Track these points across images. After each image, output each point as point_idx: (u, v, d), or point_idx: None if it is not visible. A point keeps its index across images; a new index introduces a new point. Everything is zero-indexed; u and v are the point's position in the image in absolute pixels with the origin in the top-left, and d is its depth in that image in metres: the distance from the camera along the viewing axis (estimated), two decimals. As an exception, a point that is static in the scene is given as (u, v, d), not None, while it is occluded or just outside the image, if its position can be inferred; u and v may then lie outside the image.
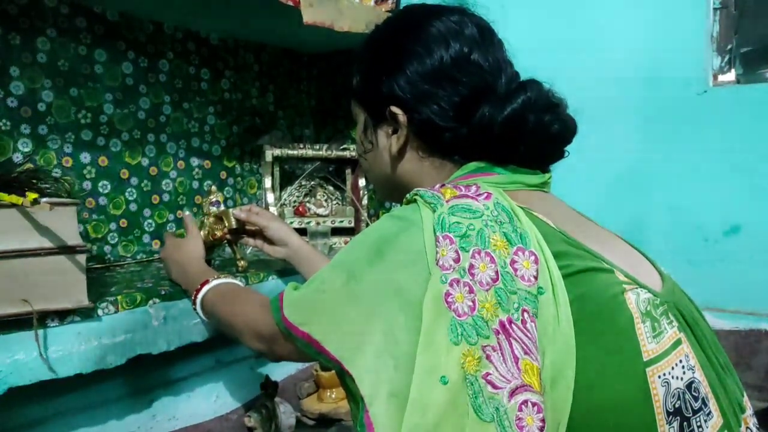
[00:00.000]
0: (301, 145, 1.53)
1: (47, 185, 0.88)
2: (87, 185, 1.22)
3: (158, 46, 1.34)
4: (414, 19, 0.69)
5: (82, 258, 0.82)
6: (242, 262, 1.15)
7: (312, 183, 1.62)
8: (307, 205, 1.58)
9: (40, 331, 0.80)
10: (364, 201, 1.57)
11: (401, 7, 0.71)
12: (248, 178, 1.58)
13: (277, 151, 1.49)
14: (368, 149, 0.73)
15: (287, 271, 1.20)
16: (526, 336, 0.49)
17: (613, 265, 0.56)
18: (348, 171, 1.64)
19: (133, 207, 1.31)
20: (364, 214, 1.56)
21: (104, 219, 1.25)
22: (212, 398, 1.18)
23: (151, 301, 0.95)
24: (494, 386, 0.47)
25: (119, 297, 0.91)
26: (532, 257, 0.52)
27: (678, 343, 0.54)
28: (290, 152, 1.51)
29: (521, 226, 0.54)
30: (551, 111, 0.62)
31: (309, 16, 1.20)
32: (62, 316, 0.83)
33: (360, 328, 0.52)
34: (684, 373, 0.53)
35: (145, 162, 1.33)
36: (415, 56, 0.65)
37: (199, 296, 0.89)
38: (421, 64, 0.64)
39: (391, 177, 0.71)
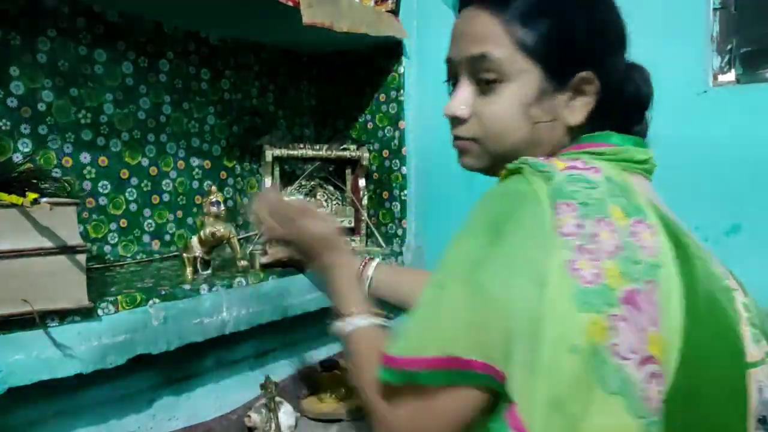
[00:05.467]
0: (301, 145, 1.53)
1: (47, 185, 0.88)
2: (87, 185, 1.22)
3: (158, 46, 1.34)
4: None
5: (82, 258, 0.82)
6: (242, 262, 1.15)
7: (312, 183, 1.62)
8: (307, 205, 1.58)
9: (40, 331, 0.80)
10: (364, 201, 1.57)
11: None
12: (248, 178, 1.58)
13: (277, 151, 1.49)
14: (519, 116, 0.65)
15: (287, 271, 1.20)
16: (652, 307, 0.48)
17: (714, 261, 0.57)
18: (348, 171, 1.64)
19: (133, 207, 1.31)
20: (364, 214, 1.56)
21: (104, 219, 1.25)
22: (212, 398, 1.18)
23: (151, 301, 0.95)
24: (621, 357, 0.46)
25: (119, 297, 0.91)
26: (650, 230, 0.51)
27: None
28: (290, 152, 1.51)
29: (636, 199, 0.53)
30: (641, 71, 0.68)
31: (308, 17, 1.20)
32: (62, 316, 0.83)
33: (504, 323, 0.49)
34: None
35: (145, 162, 1.33)
36: (608, 26, 0.66)
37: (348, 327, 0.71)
38: (612, 35, 0.66)
39: (526, 140, 0.64)
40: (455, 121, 0.67)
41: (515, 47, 0.60)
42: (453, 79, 0.69)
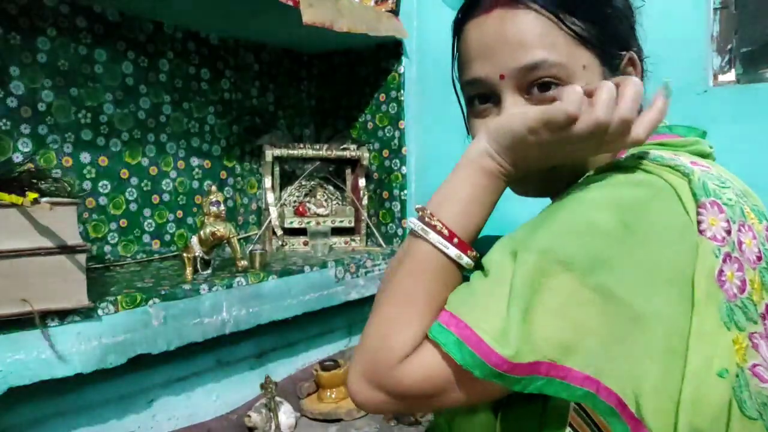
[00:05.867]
0: (301, 145, 1.53)
1: (47, 185, 0.88)
2: (87, 185, 1.22)
3: (158, 46, 1.34)
4: None
5: (82, 258, 0.82)
6: (242, 262, 1.15)
7: (312, 183, 1.62)
8: (307, 205, 1.58)
9: (40, 331, 0.80)
10: (364, 201, 1.57)
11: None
12: (248, 178, 1.58)
13: (277, 151, 1.49)
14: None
15: (287, 271, 1.20)
16: None
17: None
18: (348, 171, 1.64)
19: (133, 207, 1.31)
20: (364, 214, 1.56)
21: (104, 219, 1.25)
22: (212, 398, 1.18)
23: (151, 301, 0.95)
24: (763, 379, 0.42)
25: (119, 297, 0.91)
26: None
27: None
28: (290, 152, 1.51)
29: (757, 201, 0.49)
30: None
31: (308, 17, 1.19)
32: (62, 316, 0.83)
33: (640, 338, 0.42)
34: None
35: (145, 162, 1.33)
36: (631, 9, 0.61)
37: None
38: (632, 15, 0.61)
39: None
40: None
41: (573, 42, 0.54)
42: (483, 99, 0.58)
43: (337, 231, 1.55)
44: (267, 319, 1.15)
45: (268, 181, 1.51)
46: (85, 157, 1.22)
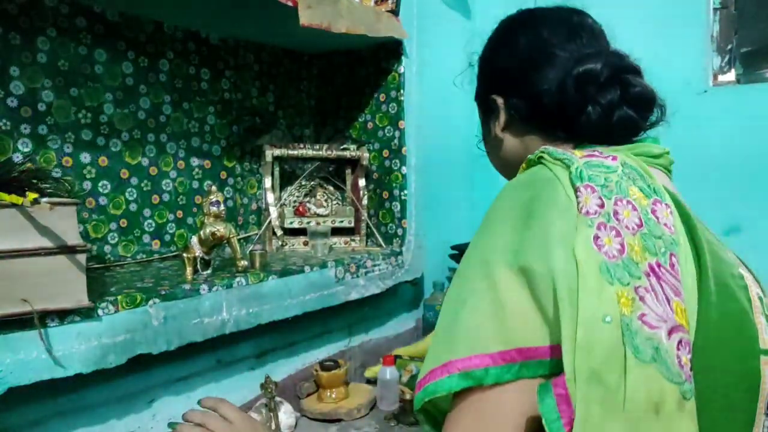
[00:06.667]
0: (301, 145, 1.53)
1: (47, 185, 0.88)
2: (87, 185, 1.22)
3: (158, 46, 1.34)
4: (515, 23, 0.78)
5: (82, 258, 0.82)
6: (242, 262, 1.15)
7: (312, 183, 1.62)
8: (307, 205, 1.58)
9: (41, 331, 0.80)
10: (364, 201, 1.57)
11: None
12: (248, 178, 1.58)
13: (277, 151, 1.49)
14: (486, 140, 0.82)
15: (287, 271, 1.20)
16: (675, 278, 0.50)
17: (728, 249, 0.59)
18: (348, 171, 1.64)
19: (133, 207, 1.31)
20: (364, 214, 1.56)
21: (104, 219, 1.25)
22: (212, 398, 1.18)
23: (151, 301, 0.95)
24: (651, 326, 0.48)
25: (119, 297, 0.91)
26: (668, 209, 0.54)
27: None
28: (290, 152, 1.51)
29: (653, 182, 0.56)
30: (631, 72, 0.66)
31: (306, 19, 1.19)
32: (62, 316, 0.83)
33: (553, 297, 0.50)
34: None
35: (145, 162, 1.33)
36: (501, 47, 0.77)
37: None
38: (505, 53, 0.75)
39: (505, 159, 0.78)
40: None
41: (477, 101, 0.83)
42: None
43: (337, 231, 1.55)
44: (267, 319, 1.15)
45: (268, 181, 1.51)
46: (85, 157, 1.22)
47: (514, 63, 0.73)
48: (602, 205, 0.52)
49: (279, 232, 1.50)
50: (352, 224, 1.57)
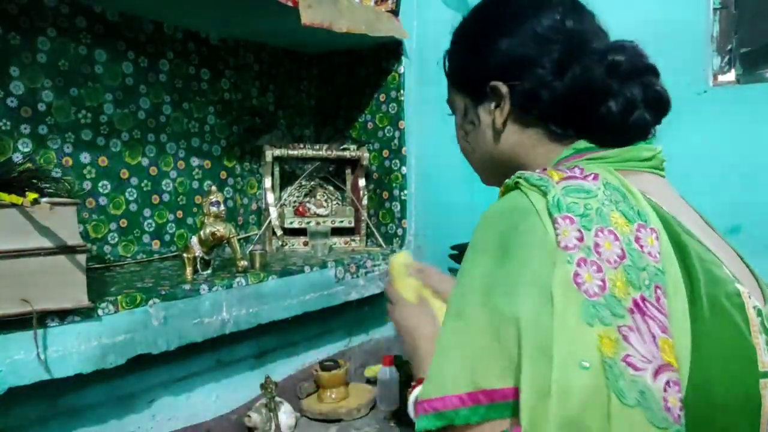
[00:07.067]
0: (302, 145, 1.53)
1: (47, 185, 0.88)
2: (87, 185, 1.22)
3: (158, 46, 1.34)
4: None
5: (82, 258, 0.82)
6: (242, 262, 1.15)
7: (312, 183, 1.62)
8: (307, 205, 1.58)
9: (40, 331, 0.80)
10: (364, 201, 1.57)
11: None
12: (248, 178, 1.58)
13: (278, 151, 1.49)
14: (469, 130, 0.73)
15: (288, 271, 1.20)
16: (661, 313, 0.47)
17: (723, 263, 0.55)
18: (348, 171, 1.64)
19: (133, 207, 1.31)
20: (364, 214, 1.56)
21: (104, 219, 1.25)
22: (212, 398, 1.18)
23: (151, 301, 0.95)
24: (636, 368, 0.45)
25: (119, 297, 0.91)
26: (654, 234, 0.50)
27: None
28: (290, 152, 1.51)
29: (637, 203, 0.53)
30: (654, 73, 0.63)
31: (307, 17, 1.19)
32: (62, 316, 0.83)
33: (519, 341, 0.48)
34: None
35: (145, 162, 1.33)
36: (506, 29, 0.67)
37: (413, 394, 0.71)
38: (514, 34, 0.66)
39: (495, 155, 0.71)
40: None
41: (450, 82, 0.75)
42: None
43: (337, 231, 1.55)
44: (267, 319, 1.15)
45: (268, 182, 1.51)
46: (85, 157, 1.22)
47: (528, 48, 0.65)
48: (581, 238, 0.49)
49: (279, 232, 1.50)
50: (352, 224, 1.57)
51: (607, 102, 0.61)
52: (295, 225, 1.51)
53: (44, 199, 0.76)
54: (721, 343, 0.50)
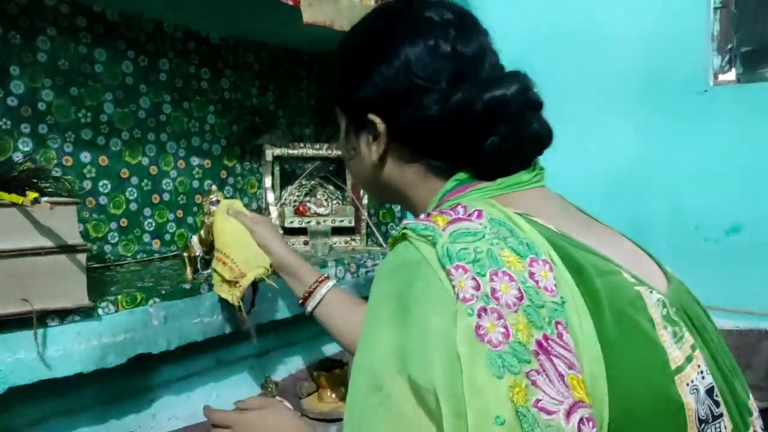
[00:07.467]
0: (302, 145, 1.53)
1: (47, 184, 0.88)
2: (87, 184, 1.22)
3: (158, 45, 1.34)
4: (381, 16, 0.67)
5: (82, 257, 0.82)
6: (242, 262, 1.14)
7: (312, 182, 1.62)
8: (308, 204, 1.58)
9: (40, 331, 0.80)
10: (365, 200, 1.57)
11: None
12: (248, 178, 1.58)
13: (278, 151, 1.49)
14: (351, 156, 0.71)
15: (287, 270, 1.20)
16: (565, 349, 0.46)
17: (621, 267, 0.54)
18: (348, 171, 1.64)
19: (133, 206, 1.31)
20: (365, 214, 1.56)
21: (104, 218, 1.25)
22: (212, 398, 1.18)
23: (151, 301, 0.95)
24: (548, 412, 0.44)
25: (119, 296, 0.91)
26: (546, 266, 0.49)
27: (694, 347, 0.53)
28: (290, 151, 1.51)
29: (525, 235, 0.51)
30: (534, 108, 0.60)
31: (309, 16, 1.20)
32: (62, 315, 0.83)
33: (438, 408, 0.46)
34: (703, 378, 0.52)
35: (145, 161, 1.33)
36: (383, 58, 0.62)
37: None
38: (390, 65, 0.61)
39: (377, 184, 0.69)
40: None
41: (336, 104, 0.72)
42: None
43: (338, 230, 1.55)
44: (267, 319, 1.15)
45: (268, 181, 1.51)
46: (85, 156, 1.22)
47: (404, 80, 0.61)
48: (478, 287, 0.46)
49: (279, 232, 1.50)
50: (353, 224, 1.57)
51: (488, 138, 0.58)
52: (296, 224, 1.51)
53: (44, 199, 0.76)
54: (631, 353, 0.49)
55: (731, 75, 1.23)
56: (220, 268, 0.99)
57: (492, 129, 0.58)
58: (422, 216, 0.55)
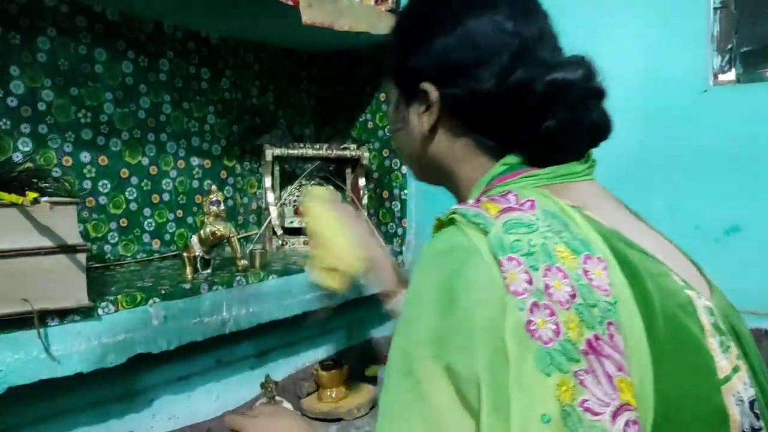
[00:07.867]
0: (302, 145, 1.53)
1: (47, 184, 0.88)
2: (87, 184, 1.22)
3: (158, 45, 1.34)
4: None
5: (82, 257, 0.82)
6: (242, 262, 1.15)
7: (312, 182, 1.62)
8: (307, 204, 1.58)
9: (41, 330, 0.80)
10: (364, 201, 1.57)
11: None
12: (248, 178, 1.58)
13: (278, 151, 1.49)
14: (399, 128, 0.69)
15: (288, 270, 1.20)
16: (616, 351, 0.45)
17: (671, 269, 0.53)
18: (348, 171, 1.64)
19: (133, 206, 1.31)
20: (364, 214, 1.56)
21: (104, 218, 1.25)
22: (212, 398, 1.18)
23: (151, 301, 0.95)
24: (594, 413, 0.43)
25: (119, 296, 0.91)
26: (601, 264, 0.48)
27: (739, 357, 0.52)
28: (290, 152, 1.51)
29: (579, 230, 0.50)
30: (597, 97, 0.58)
31: (308, 17, 1.20)
32: (62, 315, 0.83)
33: (477, 401, 0.46)
34: (746, 390, 0.51)
35: (145, 161, 1.33)
36: (443, 28, 0.61)
37: None
38: (451, 35, 0.60)
39: (423, 158, 0.67)
40: None
41: (388, 75, 0.71)
42: None
43: (337, 231, 1.55)
44: (267, 319, 1.15)
45: (268, 181, 1.51)
46: (85, 156, 1.22)
47: (464, 51, 0.59)
48: (531, 281, 0.46)
49: (279, 232, 1.50)
50: (352, 224, 1.56)
51: (545, 121, 0.57)
52: (296, 224, 1.51)
53: (44, 199, 0.76)
54: (680, 359, 0.48)
55: (731, 75, 1.23)
56: (324, 255, 0.94)
57: (550, 113, 0.57)
58: (471, 201, 0.54)
